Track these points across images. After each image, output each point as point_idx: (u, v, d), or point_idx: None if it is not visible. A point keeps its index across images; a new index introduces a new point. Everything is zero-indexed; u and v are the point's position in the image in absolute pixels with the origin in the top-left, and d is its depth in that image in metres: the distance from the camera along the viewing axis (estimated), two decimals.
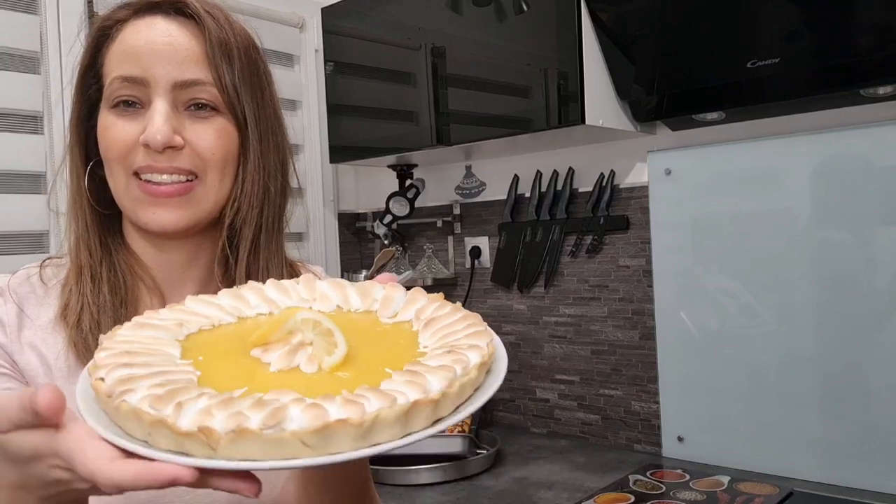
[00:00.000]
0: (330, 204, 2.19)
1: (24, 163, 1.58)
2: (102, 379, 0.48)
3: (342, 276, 2.18)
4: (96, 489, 0.47)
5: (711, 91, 1.46)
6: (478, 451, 1.68)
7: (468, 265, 2.04)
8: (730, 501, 1.35)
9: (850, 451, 1.42)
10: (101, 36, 0.78)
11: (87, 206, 0.80)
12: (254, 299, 0.62)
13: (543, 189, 1.85)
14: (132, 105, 0.75)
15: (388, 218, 2.03)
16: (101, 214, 0.80)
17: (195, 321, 0.58)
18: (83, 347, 0.74)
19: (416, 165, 2.05)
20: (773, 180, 1.50)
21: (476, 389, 0.49)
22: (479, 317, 0.57)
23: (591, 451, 1.74)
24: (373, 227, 2.11)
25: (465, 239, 2.06)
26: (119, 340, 0.53)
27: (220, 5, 0.80)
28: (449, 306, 0.59)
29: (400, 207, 2.02)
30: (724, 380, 1.57)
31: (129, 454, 0.43)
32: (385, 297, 0.61)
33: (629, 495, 1.40)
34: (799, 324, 1.47)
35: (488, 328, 0.55)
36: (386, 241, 2.09)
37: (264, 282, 0.66)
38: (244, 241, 0.79)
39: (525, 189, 1.89)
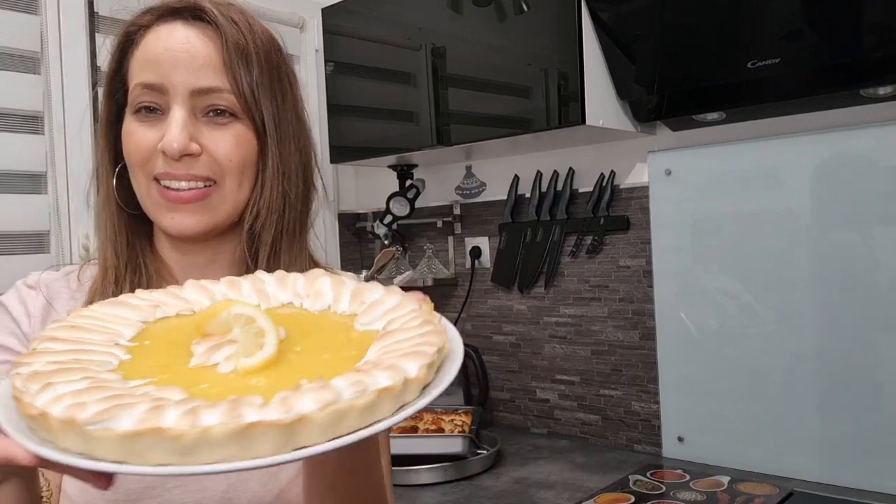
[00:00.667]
0: (330, 204, 2.19)
1: (25, 163, 1.58)
2: (20, 363, 0.47)
3: None
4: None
5: (712, 91, 1.46)
6: (478, 451, 1.68)
7: (468, 265, 2.04)
8: (730, 501, 1.35)
9: (850, 452, 1.42)
10: (127, 41, 0.80)
11: (116, 208, 0.81)
12: (247, 288, 0.61)
13: (544, 189, 1.85)
14: (153, 111, 0.76)
15: (389, 218, 2.03)
16: (130, 216, 0.82)
17: (175, 305, 0.57)
18: None
19: (416, 165, 2.05)
20: (774, 180, 1.50)
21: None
22: (439, 332, 0.50)
23: (591, 451, 1.74)
24: (373, 227, 2.11)
25: (466, 239, 2.06)
26: (82, 315, 0.53)
27: (241, 9, 0.80)
28: (421, 318, 0.52)
29: (400, 207, 2.02)
30: (724, 380, 1.57)
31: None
32: (374, 301, 0.57)
33: (629, 495, 1.40)
34: (799, 324, 1.47)
35: (442, 322, 0.50)
36: (386, 242, 2.09)
37: None
38: (263, 246, 0.80)
39: (525, 189, 1.89)
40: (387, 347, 0.48)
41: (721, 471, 1.52)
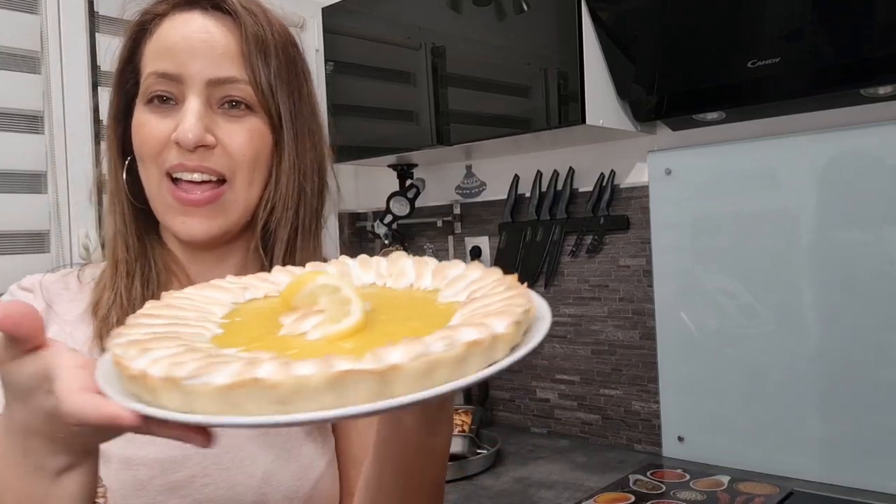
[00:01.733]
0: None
1: (25, 162, 1.58)
2: (119, 334, 0.48)
3: None
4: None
5: (712, 91, 1.46)
6: (478, 451, 1.68)
7: None
8: (730, 501, 1.35)
9: (850, 451, 1.42)
10: (140, 30, 0.78)
11: (126, 201, 0.79)
12: (332, 272, 0.61)
13: (544, 189, 1.85)
14: (166, 101, 0.74)
15: (389, 218, 2.03)
16: (139, 210, 0.79)
17: (263, 287, 0.58)
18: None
19: (416, 165, 2.05)
20: (773, 180, 1.50)
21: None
22: (524, 295, 0.51)
23: (591, 450, 1.74)
24: (373, 226, 2.11)
25: (466, 239, 2.06)
26: (177, 296, 0.54)
27: (258, 1, 0.79)
28: (504, 284, 0.54)
29: (400, 207, 2.02)
30: (724, 380, 1.57)
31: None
32: (456, 276, 0.59)
33: (629, 495, 1.40)
34: (799, 324, 1.47)
35: (525, 305, 0.49)
36: (386, 241, 2.09)
37: None
38: (279, 243, 0.78)
39: (525, 189, 1.89)
40: (473, 310, 0.49)
41: (721, 470, 1.52)
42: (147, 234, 0.80)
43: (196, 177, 0.74)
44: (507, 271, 0.57)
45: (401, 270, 0.62)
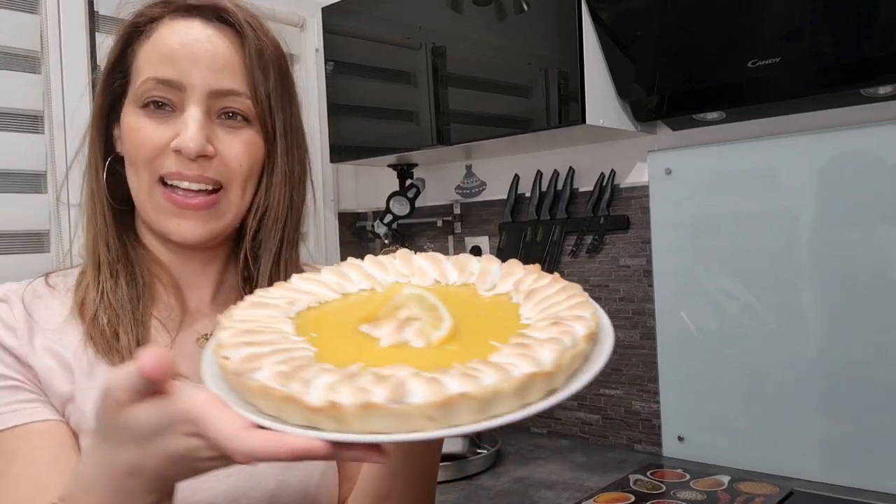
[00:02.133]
0: (330, 204, 2.19)
1: (25, 162, 1.58)
2: (227, 358, 0.48)
3: None
4: (223, 459, 0.46)
5: (712, 91, 1.46)
6: (478, 451, 1.68)
7: None
8: (730, 501, 1.35)
9: (850, 451, 1.42)
10: (134, 31, 0.77)
11: (106, 202, 0.79)
12: (355, 276, 0.63)
13: (544, 189, 1.85)
14: (162, 107, 0.74)
15: (389, 217, 2.03)
16: (118, 211, 0.80)
17: (304, 299, 0.59)
18: (102, 341, 0.73)
19: (416, 165, 2.05)
20: (774, 180, 1.50)
21: (585, 361, 0.50)
22: (579, 287, 0.57)
23: (591, 450, 1.74)
24: (373, 226, 2.11)
25: (466, 239, 2.06)
26: (238, 320, 0.54)
27: (256, 14, 0.80)
28: (547, 277, 0.59)
29: (400, 207, 2.02)
30: (724, 380, 1.57)
31: (261, 428, 0.44)
32: (482, 269, 0.63)
33: (629, 495, 1.40)
34: (799, 324, 1.47)
35: (590, 299, 0.55)
36: (386, 241, 2.09)
37: None
38: (267, 254, 0.80)
39: (525, 189, 1.89)
40: (542, 311, 0.54)
41: (721, 470, 1.52)
42: (126, 235, 0.81)
43: (193, 186, 0.74)
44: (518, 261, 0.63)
45: (420, 269, 0.64)
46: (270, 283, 0.78)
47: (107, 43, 0.82)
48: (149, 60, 0.75)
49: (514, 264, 0.63)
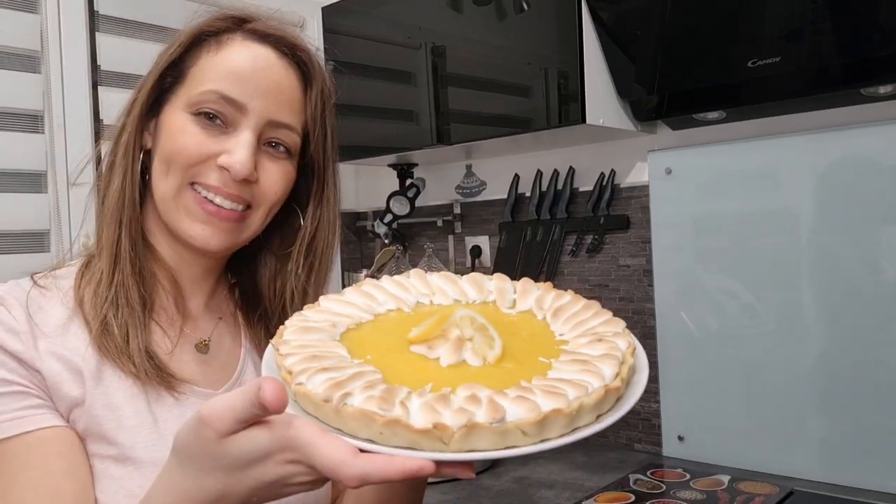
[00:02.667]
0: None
1: (25, 162, 1.58)
2: (301, 384, 0.49)
3: (342, 276, 2.18)
4: (317, 483, 0.48)
5: (712, 90, 1.46)
6: None
7: (469, 264, 2.03)
8: (730, 501, 1.35)
9: (850, 451, 1.42)
10: (200, 38, 0.78)
11: (137, 195, 0.79)
12: (381, 296, 0.65)
13: (544, 188, 1.85)
14: (213, 119, 0.76)
15: (389, 217, 2.03)
16: (135, 212, 0.80)
17: (342, 321, 0.61)
18: (112, 345, 0.73)
19: (416, 165, 2.05)
20: (774, 180, 1.50)
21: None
22: (598, 304, 0.61)
23: (591, 450, 1.74)
24: (373, 226, 2.11)
25: (466, 238, 2.06)
26: (296, 346, 0.55)
27: (319, 55, 0.85)
28: (567, 295, 0.63)
29: (400, 206, 2.02)
30: (724, 379, 1.57)
31: (362, 451, 0.45)
32: (498, 288, 0.65)
33: (630, 495, 1.40)
34: (799, 323, 1.47)
35: (614, 316, 0.59)
36: (386, 241, 2.09)
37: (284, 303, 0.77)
38: (295, 279, 0.85)
39: (525, 188, 1.89)
40: (571, 321, 0.59)
41: (721, 470, 1.52)
42: (138, 236, 0.81)
43: (226, 203, 0.76)
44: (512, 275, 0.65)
45: (439, 287, 0.66)
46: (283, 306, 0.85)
47: (107, 42, 0.83)
48: (215, 72, 0.76)
49: (527, 283, 0.66)
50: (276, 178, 0.79)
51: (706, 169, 1.59)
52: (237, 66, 0.76)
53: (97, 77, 1.66)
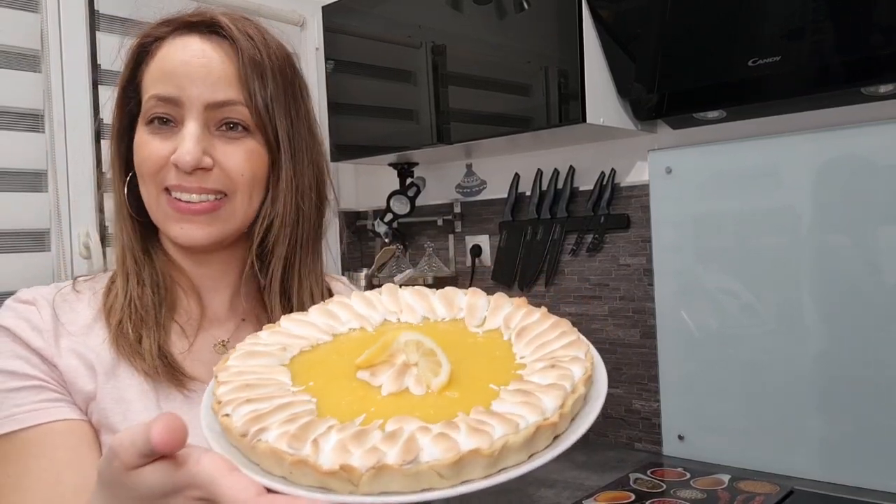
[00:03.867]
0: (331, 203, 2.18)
1: (25, 161, 1.58)
2: (228, 415, 0.48)
3: (343, 276, 2.19)
4: None
5: (712, 89, 1.46)
6: None
7: (469, 264, 2.03)
8: (730, 500, 1.35)
9: (850, 450, 1.42)
10: (141, 52, 0.80)
11: (128, 216, 0.82)
12: (344, 315, 0.62)
13: (544, 187, 1.85)
14: (166, 123, 0.77)
15: (389, 216, 2.03)
16: (141, 223, 0.83)
17: (296, 343, 0.59)
18: (126, 345, 0.77)
19: (416, 164, 2.05)
20: (774, 179, 1.50)
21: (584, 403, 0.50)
22: (568, 322, 0.57)
23: (591, 449, 1.74)
24: (373, 225, 2.11)
25: (466, 237, 2.06)
26: (234, 372, 0.54)
27: (256, 23, 0.81)
28: (537, 313, 0.59)
29: (401, 206, 2.02)
30: (724, 379, 1.57)
31: (271, 491, 0.43)
32: (469, 304, 0.62)
33: (630, 494, 1.40)
34: (799, 323, 1.47)
35: (580, 336, 0.56)
36: (387, 240, 2.09)
37: (300, 295, 0.73)
38: (277, 259, 0.81)
39: (526, 188, 1.89)
40: (535, 342, 0.55)
41: (721, 469, 1.52)
42: (150, 245, 0.84)
43: (194, 198, 0.77)
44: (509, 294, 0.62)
45: (408, 305, 0.63)
46: (283, 292, 0.82)
47: (107, 41, 0.84)
48: (152, 79, 0.78)
49: (501, 298, 0.63)
50: (237, 159, 0.77)
51: (706, 168, 1.59)
52: (167, 64, 0.77)
53: (97, 76, 1.67)
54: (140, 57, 0.80)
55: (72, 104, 1.63)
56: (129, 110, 0.81)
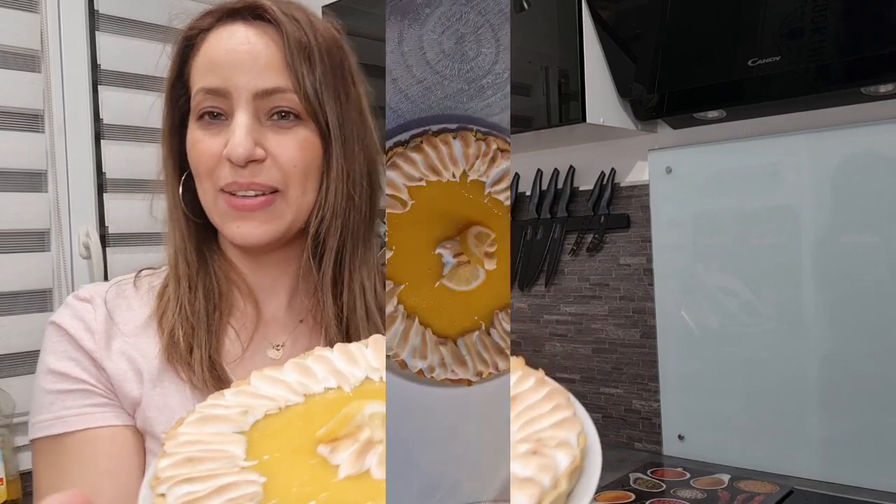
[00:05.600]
0: None
1: (25, 161, 1.58)
2: (163, 495, 0.43)
3: None
4: None
5: (712, 89, 1.46)
6: None
7: None
8: (730, 500, 1.35)
9: (850, 450, 1.42)
10: (187, 46, 0.77)
11: (183, 217, 0.79)
12: (321, 372, 0.56)
13: (544, 187, 1.85)
14: (217, 117, 0.74)
15: None
16: (197, 224, 0.80)
17: (261, 406, 0.53)
18: (177, 355, 0.74)
19: None
20: (774, 178, 1.50)
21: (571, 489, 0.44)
22: (566, 393, 0.50)
23: None
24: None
25: None
26: (182, 442, 0.48)
27: (301, 6, 0.78)
28: (532, 378, 0.53)
29: None
30: (724, 378, 1.57)
31: None
32: None
33: (630, 493, 1.40)
34: (800, 322, 1.47)
35: (576, 412, 0.48)
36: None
37: (351, 289, 0.69)
38: (328, 252, 0.78)
39: (526, 187, 1.89)
40: (523, 416, 0.47)
41: (721, 469, 1.52)
42: (206, 247, 0.81)
43: (250, 194, 0.74)
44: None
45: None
46: (336, 284, 0.78)
47: (107, 41, 0.82)
48: (199, 72, 0.75)
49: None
50: (290, 149, 0.74)
51: (706, 168, 1.59)
52: (213, 56, 0.74)
53: (97, 76, 1.67)
54: (186, 51, 0.77)
55: (72, 104, 1.63)
56: (180, 107, 0.78)
